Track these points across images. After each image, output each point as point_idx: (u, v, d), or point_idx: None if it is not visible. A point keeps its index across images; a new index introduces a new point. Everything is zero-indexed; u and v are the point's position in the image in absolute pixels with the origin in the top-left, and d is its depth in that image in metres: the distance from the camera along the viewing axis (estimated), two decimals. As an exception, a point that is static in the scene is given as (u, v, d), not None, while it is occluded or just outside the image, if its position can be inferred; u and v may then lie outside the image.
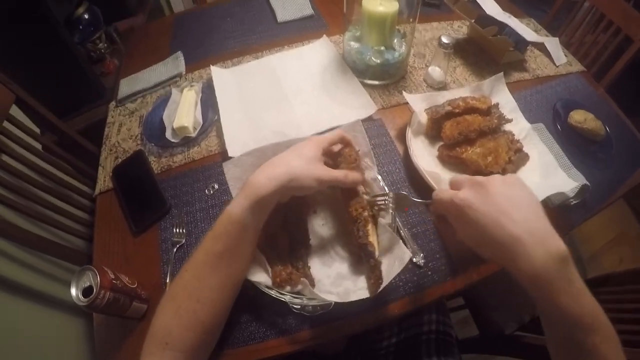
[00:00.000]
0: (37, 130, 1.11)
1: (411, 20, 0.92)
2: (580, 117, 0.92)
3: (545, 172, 0.81)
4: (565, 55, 1.11)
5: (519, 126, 0.88)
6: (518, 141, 0.85)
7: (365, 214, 0.64)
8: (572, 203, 0.78)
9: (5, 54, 1.27)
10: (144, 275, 0.71)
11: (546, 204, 0.77)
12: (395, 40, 0.97)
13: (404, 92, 0.86)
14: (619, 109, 1.03)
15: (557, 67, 1.08)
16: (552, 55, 1.09)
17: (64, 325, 1.16)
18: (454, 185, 0.53)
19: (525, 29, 1.08)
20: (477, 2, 1.19)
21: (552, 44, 1.11)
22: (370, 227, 0.63)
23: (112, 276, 0.61)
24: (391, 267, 0.60)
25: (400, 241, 0.61)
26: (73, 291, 0.58)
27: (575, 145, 0.90)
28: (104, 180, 0.90)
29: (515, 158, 0.82)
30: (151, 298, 0.69)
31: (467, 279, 0.70)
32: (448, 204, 0.51)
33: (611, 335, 0.43)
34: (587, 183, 0.77)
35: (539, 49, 1.12)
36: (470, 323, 1.17)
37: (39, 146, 1.08)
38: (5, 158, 0.99)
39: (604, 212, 0.90)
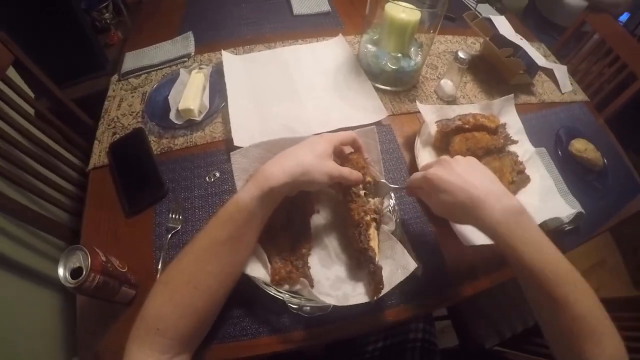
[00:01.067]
0: (32, 95, 1.06)
1: (431, 31, 0.91)
2: (581, 146, 0.94)
3: (544, 197, 0.82)
4: (571, 84, 1.13)
5: (523, 148, 0.89)
6: (521, 163, 0.86)
7: (368, 218, 0.63)
8: (566, 229, 0.80)
9: (10, 14, 1.21)
10: (134, 259, 0.69)
11: (542, 228, 0.78)
12: (413, 49, 0.97)
13: (417, 102, 0.86)
14: (616, 141, 1.05)
15: (563, 94, 1.10)
16: (559, 82, 1.11)
17: (42, 301, 1.12)
18: (425, 168, 0.63)
19: (536, 53, 1.10)
20: (492, 21, 1.21)
21: (561, 71, 1.13)
22: (372, 231, 0.63)
23: (104, 258, 0.59)
24: (394, 274, 0.60)
25: (405, 251, 0.61)
26: (61, 271, 0.55)
27: (573, 172, 0.92)
28: (99, 155, 0.87)
29: (518, 179, 0.83)
30: (140, 284, 0.67)
31: (462, 292, 0.71)
32: (421, 180, 0.61)
33: (583, 287, 0.48)
34: (582, 211, 0.79)
35: (547, 74, 1.14)
36: (450, 332, 1.19)
37: (32, 112, 1.04)
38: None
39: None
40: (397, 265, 0.60)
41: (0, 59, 0.94)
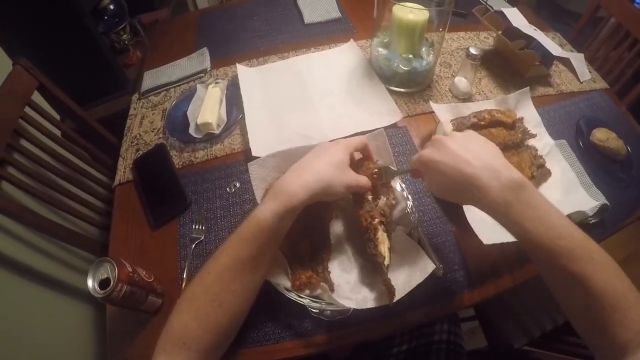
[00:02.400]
0: (58, 117, 1.11)
1: (440, 29, 0.91)
2: (602, 136, 0.92)
3: (567, 190, 0.80)
4: (590, 72, 1.10)
5: (542, 142, 0.87)
6: (541, 157, 0.84)
7: (376, 221, 0.62)
8: (590, 222, 0.78)
9: (31, 40, 1.28)
10: (160, 270, 0.72)
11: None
12: (424, 49, 0.97)
13: (430, 102, 0.86)
14: (640, 128, 1.02)
15: (581, 83, 1.08)
16: (577, 71, 1.09)
17: (75, 312, 1.17)
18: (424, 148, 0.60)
19: (550, 43, 1.07)
20: (504, 14, 1.19)
21: (577, 59, 1.10)
22: (380, 234, 0.62)
23: (130, 269, 0.61)
24: (412, 276, 0.60)
25: (423, 252, 0.61)
26: (90, 282, 0.57)
27: (596, 163, 0.89)
28: (124, 171, 0.91)
29: (538, 174, 0.81)
30: (166, 293, 0.70)
31: (484, 292, 0.70)
32: (417, 163, 0.58)
33: (601, 259, 0.45)
34: (607, 202, 0.77)
35: (564, 63, 1.11)
36: (478, 334, 1.17)
37: (58, 133, 1.09)
38: (24, 143, 1.00)
39: (617, 231, 0.90)
40: (415, 267, 0.60)
41: (25, 85, 0.99)
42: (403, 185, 0.71)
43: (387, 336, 0.85)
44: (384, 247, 0.60)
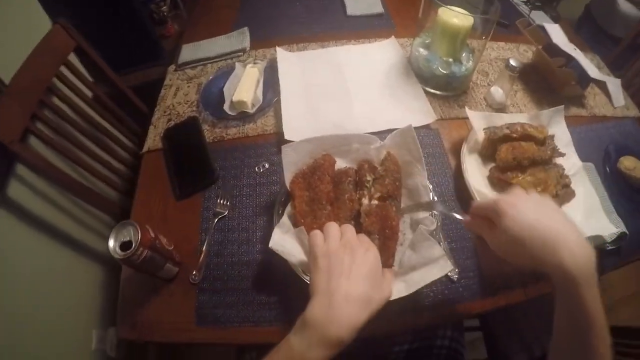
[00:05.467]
0: (91, 79, 1.14)
1: (484, 37, 0.91)
2: (630, 164, 0.91)
3: (588, 213, 0.80)
4: (624, 98, 1.10)
5: (570, 161, 0.87)
6: (567, 176, 0.84)
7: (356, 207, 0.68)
8: (607, 248, 0.77)
9: (74, 6, 1.29)
10: (180, 240, 0.73)
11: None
12: (464, 55, 0.97)
13: (465, 108, 0.86)
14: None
15: (615, 108, 1.07)
16: (612, 95, 1.08)
17: (88, 272, 1.20)
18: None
19: (589, 65, 1.07)
20: (545, 29, 1.18)
21: (614, 84, 1.09)
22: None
23: (153, 235, 0.62)
24: (428, 272, 0.60)
25: (443, 251, 0.61)
26: (111, 243, 0.59)
27: (621, 191, 0.88)
28: (153, 139, 0.93)
29: (562, 193, 0.81)
30: (183, 262, 0.71)
31: (495, 302, 0.70)
32: (490, 207, 0.55)
33: (609, 345, 0.47)
34: (626, 231, 0.76)
35: (599, 87, 1.10)
36: (479, 346, 1.18)
37: (90, 95, 1.11)
38: (56, 101, 1.02)
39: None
40: (433, 264, 0.60)
41: (62, 44, 1.01)
42: (430, 186, 0.72)
43: (390, 333, 0.86)
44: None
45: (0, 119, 0.82)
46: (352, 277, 0.51)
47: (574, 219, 0.78)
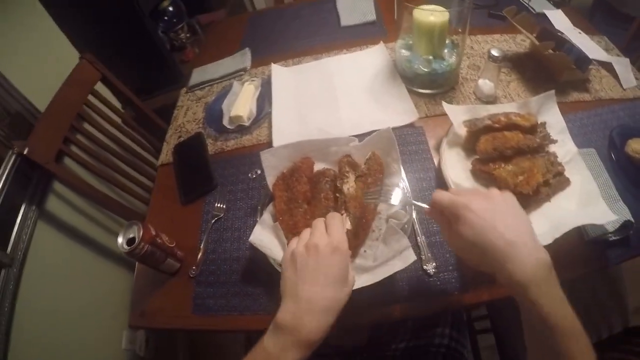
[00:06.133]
0: (119, 105, 1.29)
1: (460, 30, 0.92)
2: (638, 147, 0.86)
3: (585, 201, 0.75)
4: (636, 78, 1.03)
5: (564, 149, 0.83)
6: (560, 164, 0.81)
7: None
8: (610, 239, 0.73)
9: (97, 39, 1.47)
10: (183, 239, 0.83)
11: (579, 235, 0.73)
12: (446, 51, 0.98)
13: (443, 102, 0.86)
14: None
15: (624, 90, 1.01)
16: (620, 76, 1.02)
17: (113, 272, 1.35)
18: (456, 194, 0.55)
19: (593, 47, 1.02)
20: (546, 16, 1.15)
21: (622, 64, 1.03)
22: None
23: (154, 233, 0.72)
24: (393, 264, 0.63)
25: (408, 243, 0.63)
26: (119, 239, 0.70)
27: (629, 177, 0.83)
28: (166, 154, 1.04)
29: (555, 181, 0.78)
30: (185, 259, 0.81)
31: (477, 297, 0.70)
32: (447, 203, 0.53)
33: (584, 342, 0.46)
34: (631, 219, 0.71)
35: (607, 69, 1.05)
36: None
37: (119, 120, 1.26)
38: (86, 126, 1.17)
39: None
40: (398, 257, 0.63)
41: (89, 76, 1.17)
42: (404, 185, 0.74)
43: (390, 331, 0.87)
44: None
45: (36, 143, 0.97)
46: (316, 283, 0.51)
47: (568, 208, 0.76)
